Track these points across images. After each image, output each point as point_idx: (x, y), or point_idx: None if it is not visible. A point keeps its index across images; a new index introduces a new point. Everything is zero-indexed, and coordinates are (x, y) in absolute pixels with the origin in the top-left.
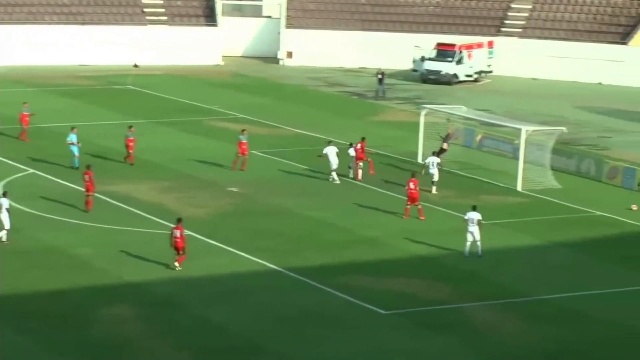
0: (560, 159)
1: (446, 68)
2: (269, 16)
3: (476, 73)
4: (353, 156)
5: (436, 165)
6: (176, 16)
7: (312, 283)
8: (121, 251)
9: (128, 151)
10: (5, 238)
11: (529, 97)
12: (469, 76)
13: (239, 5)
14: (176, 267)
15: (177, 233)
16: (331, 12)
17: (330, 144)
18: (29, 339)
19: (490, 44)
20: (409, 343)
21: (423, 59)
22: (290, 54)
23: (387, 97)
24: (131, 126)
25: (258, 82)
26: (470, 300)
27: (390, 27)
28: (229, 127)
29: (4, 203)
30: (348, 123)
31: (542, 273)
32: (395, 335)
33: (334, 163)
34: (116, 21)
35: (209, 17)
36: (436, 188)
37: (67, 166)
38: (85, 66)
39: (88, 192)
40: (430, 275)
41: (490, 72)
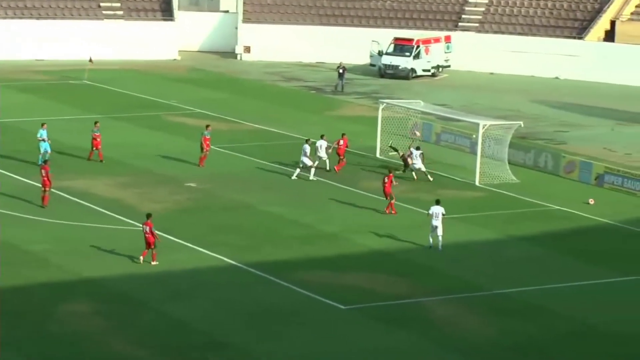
0: (517, 153)
1: (404, 63)
2: (226, 11)
3: (434, 68)
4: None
5: (419, 156)
6: (133, 11)
7: (272, 278)
8: (79, 247)
9: (93, 148)
10: None
11: (487, 92)
12: (427, 71)
13: None
14: (141, 260)
15: (147, 228)
16: (288, 7)
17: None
18: None
19: (447, 39)
20: (369, 338)
21: (380, 54)
22: (248, 49)
23: (346, 92)
24: (97, 122)
25: (216, 77)
26: (430, 294)
27: (348, 22)
28: (187, 122)
29: None
30: (306, 118)
31: (501, 267)
32: (354, 330)
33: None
34: (72, 16)
35: (166, 12)
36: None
37: (23, 161)
38: (40, 61)
39: (45, 188)
40: (389, 270)
41: (447, 67)
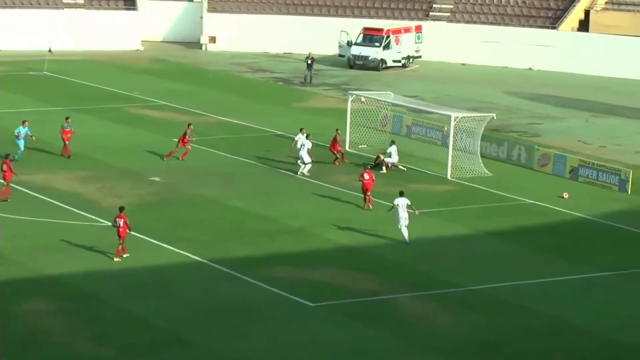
0: (490, 146)
1: (373, 53)
2: None
3: (404, 58)
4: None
5: (394, 151)
6: None
7: (237, 275)
8: (39, 243)
9: (65, 143)
10: None
11: (458, 83)
12: (397, 61)
13: None
14: (123, 257)
15: (121, 222)
16: None
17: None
18: None
19: (418, 29)
20: (339, 336)
21: (350, 44)
22: (213, 39)
23: (314, 84)
24: (68, 117)
25: (180, 68)
26: (400, 291)
27: (316, 11)
28: (150, 115)
29: None
30: (273, 110)
31: (473, 263)
32: (324, 328)
33: (306, 158)
34: (31, 4)
35: (128, 1)
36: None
37: None
38: None
39: (4, 181)
40: (358, 266)
41: (418, 58)
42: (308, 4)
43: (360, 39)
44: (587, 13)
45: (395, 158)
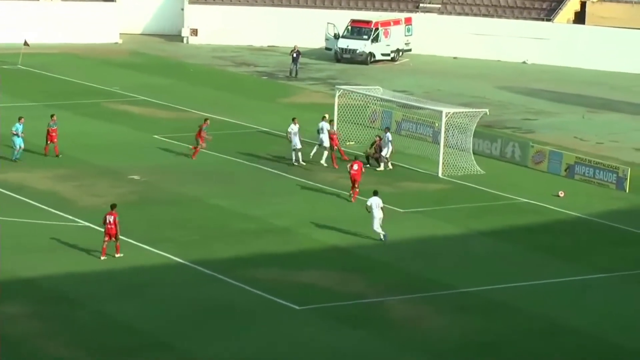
0: (483, 143)
1: (361, 46)
2: None
3: (393, 52)
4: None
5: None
6: None
7: (220, 277)
8: (14, 244)
9: (48, 142)
10: None
11: (450, 77)
12: (386, 55)
13: None
14: (115, 256)
15: (111, 219)
16: None
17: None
18: None
19: (408, 21)
20: (325, 341)
21: (337, 37)
22: (195, 32)
23: (300, 78)
24: (53, 115)
25: (160, 62)
26: (388, 293)
27: (302, 3)
28: (130, 110)
29: None
30: (258, 105)
31: (466, 264)
32: (310, 331)
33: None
34: None
35: None
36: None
37: None
38: None
39: None
40: (345, 267)
41: (408, 51)
42: None
43: (347, 32)
44: (583, 5)
45: (390, 148)
